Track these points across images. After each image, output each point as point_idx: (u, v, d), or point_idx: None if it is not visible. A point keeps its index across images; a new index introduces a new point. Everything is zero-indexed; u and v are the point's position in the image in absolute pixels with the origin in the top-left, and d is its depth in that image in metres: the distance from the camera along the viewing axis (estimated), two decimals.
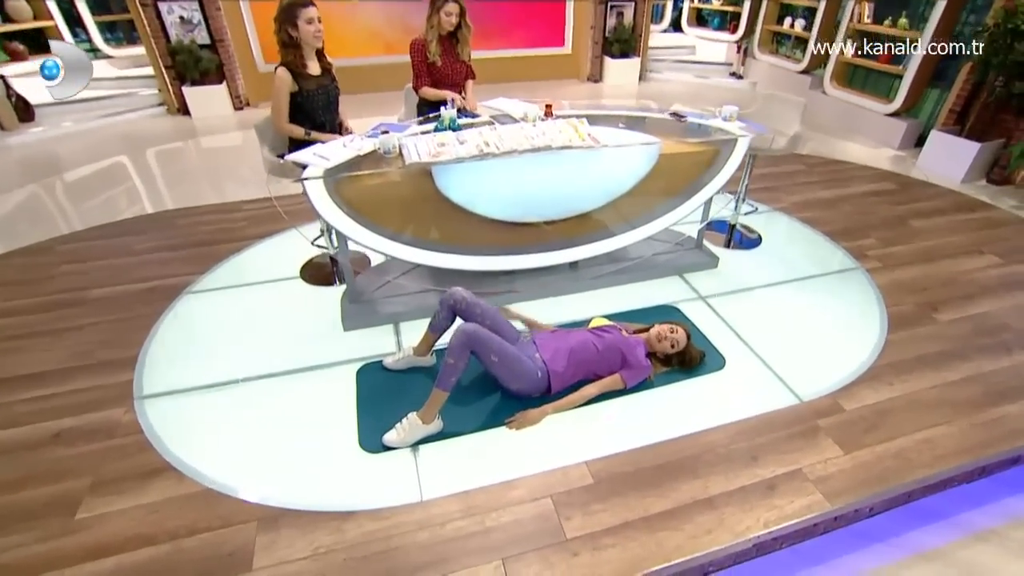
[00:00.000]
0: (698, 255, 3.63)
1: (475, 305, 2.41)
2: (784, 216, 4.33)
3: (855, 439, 2.35)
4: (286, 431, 2.31)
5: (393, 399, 2.44)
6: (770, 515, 2.02)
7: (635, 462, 2.21)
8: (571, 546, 1.89)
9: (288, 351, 2.74)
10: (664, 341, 2.58)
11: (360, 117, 3.39)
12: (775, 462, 2.23)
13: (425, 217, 2.79)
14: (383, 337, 2.85)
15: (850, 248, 3.86)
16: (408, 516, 1.98)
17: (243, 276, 3.36)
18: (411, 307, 2.95)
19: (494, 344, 2.22)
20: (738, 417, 2.44)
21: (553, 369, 2.38)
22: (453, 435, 2.28)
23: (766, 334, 2.96)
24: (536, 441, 2.28)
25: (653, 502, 2.05)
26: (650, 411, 2.46)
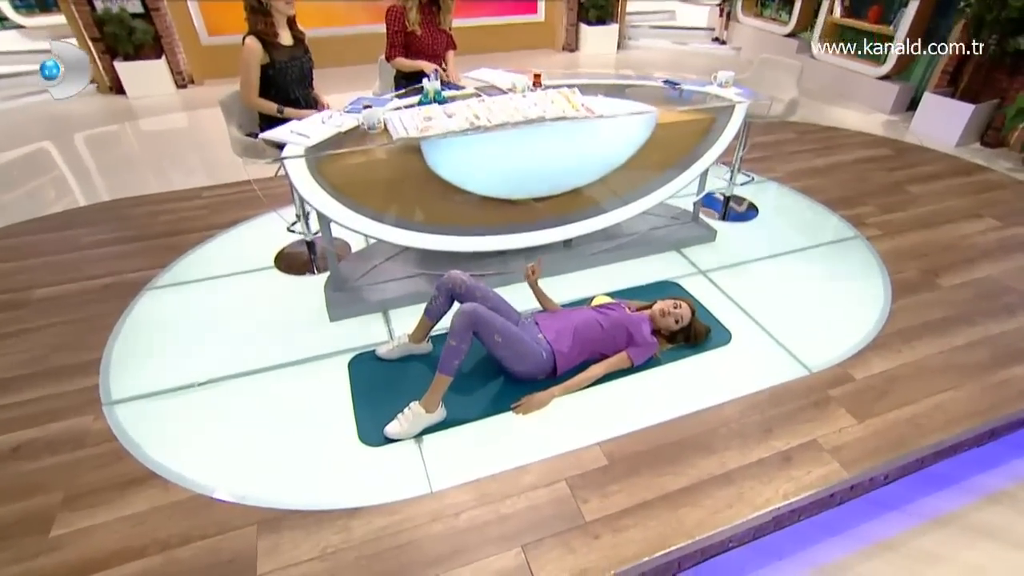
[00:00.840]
0: (695, 228, 3.76)
1: (475, 288, 2.48)
2: (779, 186, 4.49)
3: (867, 407, 2.50)
4: (278, 429, 2.35)
5: (391, 389, 2.50)
6: (789, 486, 2.15)
7: (649, 441, 2.32)
8: (591, 529, 1.99)
9: (271, 345, 2.76)
10: (668, 316, 2.69)
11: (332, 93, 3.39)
12: (790, 434, 2.37)
13: (414, 196, 2.84)
14: (373, 326, 2.90)
15: (848, 216, 4.04)
16: (419, 508, 2.05)
17: (211, 268, 3.36)
18: (400, 293, 3.00)
19: (497, 323, 2.30)
20: (749, 391, 2.57)
21: (558, 349, 2.47)
22: (458, 423, 2.35)
23: (770, 306, 3.10)
24: (545, 425, 2.37)
25: (670, 480, 2.17)
26: (659, 389, 2.57)
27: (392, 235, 2.81)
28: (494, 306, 2.48)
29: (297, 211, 3.19)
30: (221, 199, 4.16)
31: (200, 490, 2.14)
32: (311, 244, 3.37)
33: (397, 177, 2.76)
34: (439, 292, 2.50)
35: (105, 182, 4.55)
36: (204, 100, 6.37)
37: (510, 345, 2.35)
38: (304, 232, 3.27)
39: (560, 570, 1.87)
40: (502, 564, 1.88)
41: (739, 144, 3.80)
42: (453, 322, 2.23)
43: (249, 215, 3.93)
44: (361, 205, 2.73)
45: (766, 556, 2.23)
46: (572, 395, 2.50)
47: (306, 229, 3.27)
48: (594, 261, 3.41)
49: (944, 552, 2.25)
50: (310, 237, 3.32)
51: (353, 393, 2.49)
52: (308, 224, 3.26)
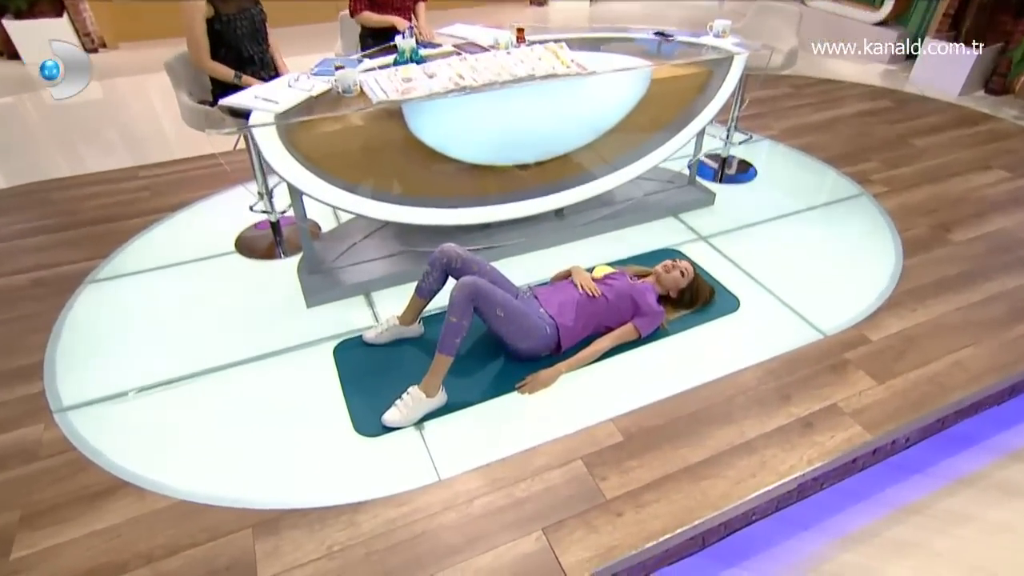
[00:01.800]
0: (692, 192, 3.92)
1: (471, 261, 2.58)
2: (777, 144, 4.69)
3: (886, 368, 2.69)
4: (263, 426, 2.42)
5: (383, 376, 2.58)
6: (812, 452, 2.33)
7: (663, 414, 2.47)
8: (613, 507, 2.13)
9: (243, 337, 2.82)
10: (673, 271, 2.86)
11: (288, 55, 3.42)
12: (809, 399, 2.55)
13: (395, 165, 2.91)
14: (355, 310, 2.98)
15: (852, 173, 4.26)
16: (428, 498, 2.16)
17: (162, 256, 3.38)
18: (382, 273, 3.08)
19: (498, 297, 2.41)
20: (762, 358, 2.74)
21: (562, 323, 2.60)
22: (460, 407, 2.46)
23: (777, 270, 3.27)
24: (553, 403, 2.50)
25: (690, 452, 2.32)
26: (670, 360, 2.72)
27: (372, 209, 2.89)
28: (493, 280, 2.59)
29: (260, 188, 3.23)
30: (163, 179, 4.15)
31: (183, 496, 2.20)
32: (276, 225, 3.42)
33: (377, 145, 2.83)
34: (432, 267, 2.60)
35: (10, 164, 4.44)
36: (121, 67, 6.23)
37: (513, 320, 2.46)
38: (268, 211, 3.32)
39: (585, 550, 2.00)
40: (523, 549, 2.01)
41: (735, 100, 3.97)
42: (452, 296, 2.33)
43: (199, 196, 3.94)
44: (337, 177, 2.80)
45: (791, 527, 2.40)
46: (579, 371, 2.63)
47: (270, 208, 3.31)
48: (588, 231, 3.54)
49: (971, 511, 2.45)
50: (275, 217, 3.37)
51: (342, 382, 2.57)
52: (272, 202, 3.31)
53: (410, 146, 2.87)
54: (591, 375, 2.63)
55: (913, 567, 2.27)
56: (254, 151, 3.04)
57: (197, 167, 4.29)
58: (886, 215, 3.79)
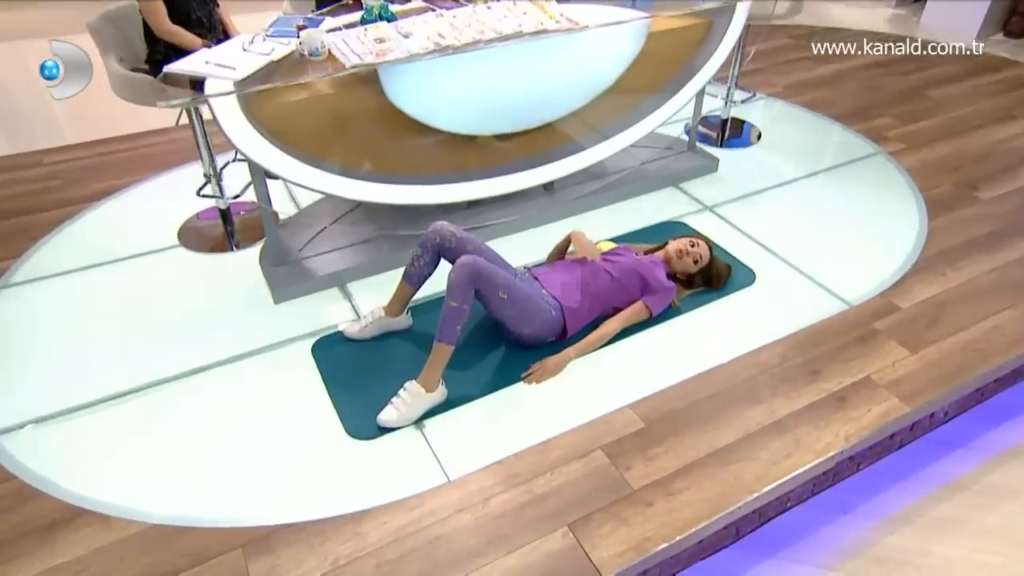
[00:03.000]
0: (693, 159, 4.12)
1: (466, 242, 2.71)
2: (780, 102, 4.93)
3: (919, 337, 2.91)
4: (238, 436, 2.51)
5: (372, 373, 2.71)
6: (848, 428, 2.52)
7: (685, 396, 2.64)
8: (641, 497, 2.29)
9: (204, 340, 2.90)
10: (686, 257, 3.02)
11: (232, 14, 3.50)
12: (839, 372, 2.75)
13: (371, 139, 3.03)
14: (331, 304, 3.09)
15: (865, 131, 4.51)
16: (439, 500, 2.28)
17: (90, 254, 3.42)
18: (358, 262, 3.20)
19: (500, 278, 2.55)
20: (785, 332, 2.94)
21: (568, 306, 2.76)
22: (461, 402, 2.60)
23: (792, 239, 3.49)
24: (565, 392, 2.65)
25: (717, 435, 2.50)
26: (685, 340, 2.90)
27: (345, 188, 3.00)
28: (492, 261, 2.73)
29: (207, 170, 3.30)
30: (76, 164, 4.17)
31: (155, 520, 2.26)
32: (226, 213, 3.50)
33: (350, 115, 2.94)
34: (423, 250, 2.72)
35: None
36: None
37: (516, 303, 2.61)
38: (217, 196, 3.40)
39: (616, 544, 2.16)
40: (550, 547, 2.15)
41: (736, 54, 4.18)
42: (451, 279, 2.46)
43: (125, 183, 3.98)
44: (306, 153, 2.90)
45: (829, 512, 2.60)
46: (589, 356, 2.79)
47: (218, 192, 3.40)
48: (581, 206, 3.71)
49: (1020, 485, 2.68)
50: (225, 203, 3.46)
51: (327, 382, 2.68)
52: (221, 186, 3.39)
53: (387, 116, 2.99)
54: (602, 360, 2.80)
55: (964, 546, 2.49)
56: (200, 127, 3.13)
57: (118, 149, 4.30)
58: (906, 174, 4.04)
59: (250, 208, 3.65)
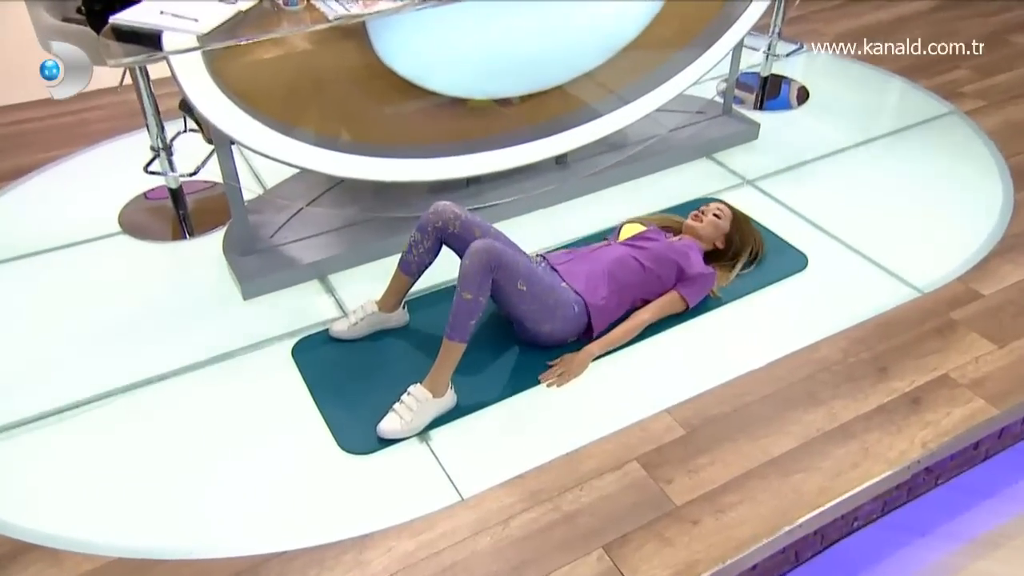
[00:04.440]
0: (729, 124, 4.22)
1: (473, 224, 2.78)
2: (831, 55, 5.02)
3: (1007, 328, 3.01)
4: (210, 454, 2.57)
5: (366, 378, 2.78)
6: (925, 433, 2.61)
7: (732, 399, 2.73)
8: (685, 514, 2.38)
9: (160, 344, 2.95)
10: (707, 216, 3.16)
11: None
12: (912, 370, 2.85)
13: (356, 103, 3.10)
14: (311, 298, 3.17)
15: (935, 87, 4.61)
16: (452, 522, 2.35)
17: (10, 245, 3.45)
18: (340, 249, 3.28)
19: (521, 266, 2.61)
20: (845, 325, 3.04)
21: (592, 302, 2.82)
22: (472, 409, 2.68)
23: (850, 217, 3.59)
24: (593, 395, 2.74)
25: (772, 442, 2.59)
26: (729, 334, 3.00)
27: (327, 162, 3.08)
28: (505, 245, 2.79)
29: (154, 142, 3.36)
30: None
31: (117, 552, 2.29)
32: (177, 193, 3.57)
33: (332, 75, 3.02)
34: (423, 234, 2.79)
35: None
36: None
37: (537, 295, 2.68)
38: (167, 173, 3.45)
39: (659, 568, 2.23)
40: (583, 571, 2.22)
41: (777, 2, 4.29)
42: (465, 267, 2.52)
43: (52, 156, 4.01)
44: (278, 120, 2.96)
45: (903, 533, 2.66)
46: (618, 354, 2.89)
47: (169, 168, 3.44)
48: (599, 182, 3.80)
49: None
50: (176, 182, 3.52)
51: (312, 389, 2.75)
52: (172, 160, 3.43)
53: (375, 76, 3.06)
54: (634, 358, 2.89)
55: None
56: (147, 90, 3.20)
57: (42, 116, 4.31)
58: (984, 137, 4.15)
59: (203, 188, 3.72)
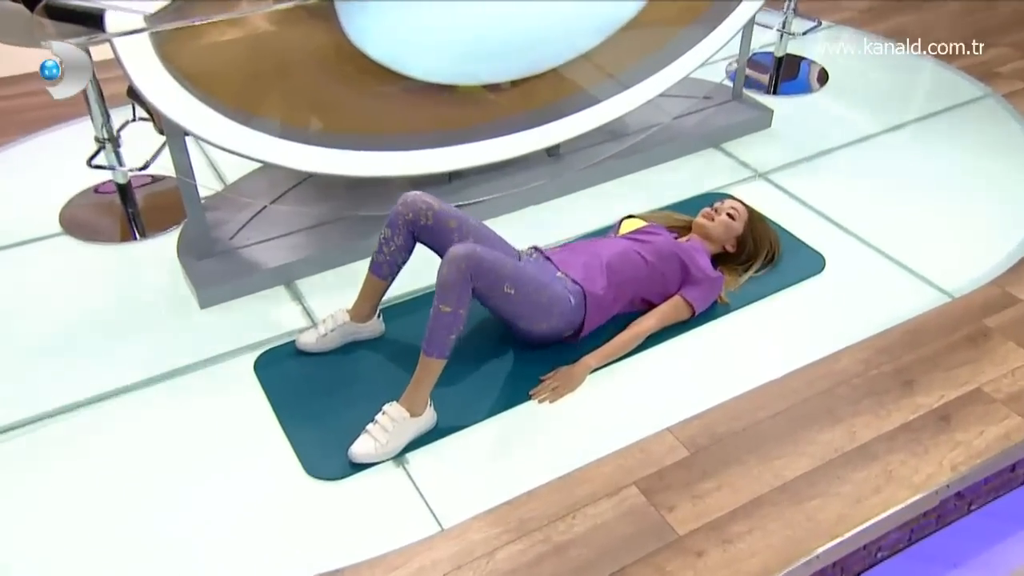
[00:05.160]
0: (739, 111, 4.21)
1: (448, 216, 2.74)
2: (853, 32, 5.01)
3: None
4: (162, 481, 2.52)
5: (335, 395, 2.75)
6: (956, 455, 2.58)
7: (741, 416, 2.70)
8: (689, 544, 2.34)
9: (104, 358, 2.91)
10: (720, 215, 3.13)
11: None
12: (940, 384, 2.82)
13: (324, 90, 3.07)
14: (276, 307, 3.14)
15: (969, 67, 4.59)
16: (432, 555, 2.31)
17: None
18: (309, 252, 3.26)
19: (507, 268, 2.57)
20: (867, 333, 3.01)
21: (591, 291, 2.79)
22: (454, 429, 2.65)
23: (873, 213, 3.58)
24: (587, 413, 2.71)
25: (785, 464, 2.56)
26: (739, 343, 2.98)
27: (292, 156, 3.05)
28: (481, 240, 2.75)
29: (98, 134, 3.33)
30: None
31: None
32: (125, 189, 3.54)
33: (298, 60, 2.99)
34: (393, 230, 2.75)
35: None
36: None
37: (528, 296, 2.64)
38: (114, 167, 3.41)
39: None
40: None
41: None
42: (442, 276, 2.47)
43: None
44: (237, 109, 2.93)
45: (932, 565, 2.63)
46: (616, 366, 2.86)
47: (116, 161, 3.40)
48: (596, 176, 3.78)
49: None
50: (124, 177, 3.49)
51: (276, 408, 2.72)
52: (119, 153, 3.40)
53: (345, 60, 3.03)
54: (634, 370, 2.87)
55: None
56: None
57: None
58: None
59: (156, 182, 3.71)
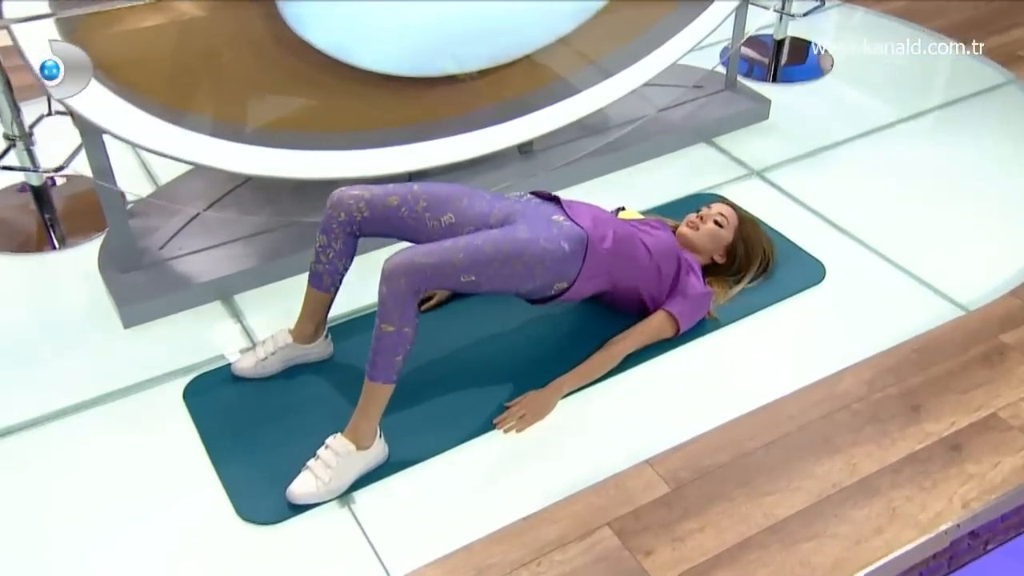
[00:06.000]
0: (733, 101, 4.18)
1: (385, 196, 2.68)
2: (863, 12, 5.00)
3: None
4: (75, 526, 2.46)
5: (274, 426, 2.70)
6: (967, 489, 2.54)
7: (727, 446, 2.66)
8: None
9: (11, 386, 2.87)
10: (706, 223, 3.09)
11: None
12: (951, 409, 2.78)
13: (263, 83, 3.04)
14: (211, 326, 3.10)
15: (990, 50, 4.56)
16: None
17: None
18: (249, 264, 3.22)
19: (459, 259, 2.47)
20: (870, 351, 2.98)
21: (595, 239, 2.68)
22: (407, 464, 2.60)
23: (880, 215, 3.55)
24: (557, 443, 2.66)
25: (776, 501, 2.51)
26: (727, 363, 2.94)
27: (227, 157, 3.01)
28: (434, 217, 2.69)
29: (8, 130, 3.29)
30: None
31: None
32: (41, 192, 3.50)
33: (233, 51, 2.95)
34: (328, 235, 2.68)
35: None
36: None
37: (495, 275, 2.53)
38: (27, 168, 3.38)
39: None
40: None
41: None
42: (381, 295, 2.41)
43: None
44: (163, 104, 2.89)
45: None
46: (590, 389, 2.82)
47: (29, 162, 3.36)
48: (573, 175, 3.74)
49: None
50: (39, 178, 3.45)
51: (206, 443, 2.66)
52: (32, 152, 3.36)
53: (289, 51, 2.99)
54: (610, 395, 2.82)
55: None
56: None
57: None
58: None
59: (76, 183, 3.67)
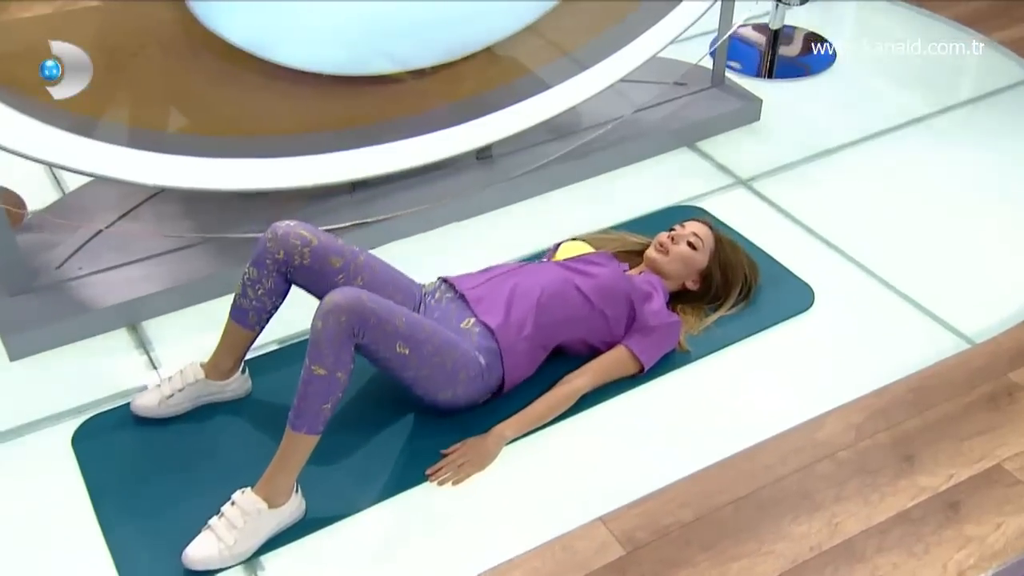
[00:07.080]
0: (720, 100, 4.17)
1: (330, 251, 2.67)
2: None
3: None
4: None
5: (174, 479, 2.67)
6: (964, 555, 2.49)
7: (694, 502, 2.63)
8: None
9: None
10: (678, 244, 3.04)
11: None
12: (949, 459, 2.75)
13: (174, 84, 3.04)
14: (112, 357, 3.08)
15: (1011, 41, 4.56)
16: None
17: None
18: (161, 286, 3.20)
19: (401, 322, 2.48)
20: (860, 391, 2.95)
21: (507, 344, 2.71)
22: (329, 521, 2.57)
23: (877, 232, 3.53)
24: (497, 498, 2.64)
25: (745, 567, 2.47)
26: (697, 404, 2.91)
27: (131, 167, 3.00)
28: (378, 285, 2.70)
29: None
30: None
31: None
32: None
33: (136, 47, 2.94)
34: (260, 270, 2.67)
35: None
36: None
37: (428, 358, 2.55)
38: None
39: None
40: None
41: None
42: (316, 331, 2.38)
43: None
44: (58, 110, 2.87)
45: None
46: (538, 435, 2.80)
47: None
48: (537, 184, 3.74)
49: None
50: None
51: (93, 496, 2.63)
52: None
53: (202, 47, 2.99)
54: (559, 442, 2.80)
55: None
56: None
57: None
58: None
59: None
